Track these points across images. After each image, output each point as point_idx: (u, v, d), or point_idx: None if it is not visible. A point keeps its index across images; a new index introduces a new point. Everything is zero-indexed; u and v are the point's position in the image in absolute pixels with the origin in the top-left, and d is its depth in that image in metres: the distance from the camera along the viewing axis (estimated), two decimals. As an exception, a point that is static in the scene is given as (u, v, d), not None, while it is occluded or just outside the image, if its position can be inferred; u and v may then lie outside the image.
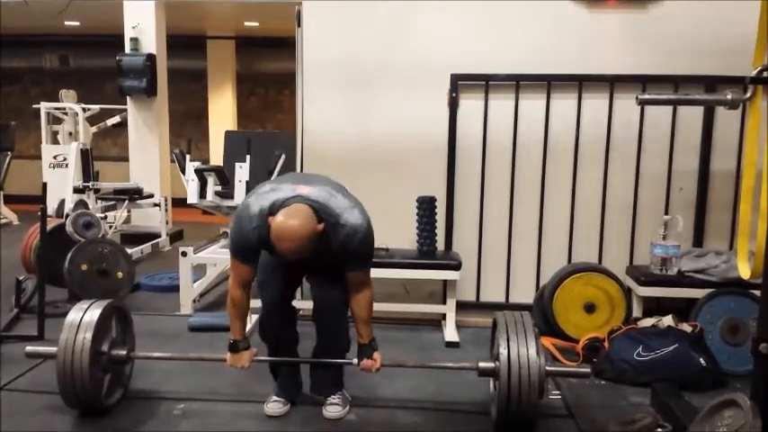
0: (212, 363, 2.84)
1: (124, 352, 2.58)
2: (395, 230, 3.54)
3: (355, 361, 2.48)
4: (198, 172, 4.30)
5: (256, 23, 7.98)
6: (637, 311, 3.39)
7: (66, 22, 7.53)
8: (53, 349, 2.44)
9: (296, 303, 2.66)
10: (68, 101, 6.89)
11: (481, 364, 2.46)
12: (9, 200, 7.34)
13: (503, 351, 2.34)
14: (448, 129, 3.69)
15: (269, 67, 9.19)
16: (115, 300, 2.71)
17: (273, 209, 2.20)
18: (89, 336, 2.40)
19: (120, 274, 3.95)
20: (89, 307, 2.51)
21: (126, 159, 6.54)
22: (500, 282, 3.78)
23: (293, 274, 2.53)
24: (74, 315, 2.48)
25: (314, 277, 2.54)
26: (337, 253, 2.28)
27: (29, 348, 2.59)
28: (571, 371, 2.78)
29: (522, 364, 2.31)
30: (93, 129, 6.98)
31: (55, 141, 6.98)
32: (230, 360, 2.47)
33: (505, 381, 2.31)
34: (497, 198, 3.74)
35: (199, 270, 4.19)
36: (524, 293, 3.72)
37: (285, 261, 2.48)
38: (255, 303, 2.55)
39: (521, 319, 2.46)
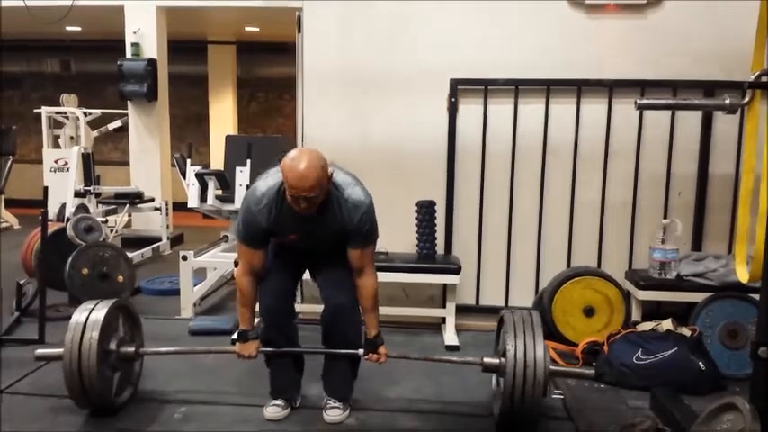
0: (215, 365, 2.87)
1: (132, 349, 2.59)
2: (394, 234, 3.54)
3: (361, 351, 2.50)
4: (198, 176, 4.32)
5: (257, 28, 8.00)
6: (636, 315, 3.39)
7: (68, 28, 7.54)
8: (62, 350, 2.43)
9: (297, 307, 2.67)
10: (69, 105, 6.92)
11: (486, 360, 2.47)
12: (10, 204, 7.34)
13: (509, 348, 2.34)
14: (447, 133, 3.70)
15: (269, 72, 9.22)
16: (122, 298, 2.72)
17: (280, 188, 2.26)
18: (95, 334, 2.41)
19: (120, 278, 3.95)
20: (94, 307, 2.52)
21: (127, 163, 6.56)
22: (500, 285, 3.79)
23: (294, 272, 2.57)
24: (79, 315, 2.49)
25: (324, 283, 2.56)
26: (340, 230, 2.32)
27: (39, 351, 2.60)
28: (574, 371, 2.79)
29: (528, 361, 2.31)
30: (94, 133, 7.01)
31: (56, 145, 7.01)
32: (238, 349, 2.50)
33: (511, 377, 2.31)
34: (497, 202, 3.74)
35: (199, 274, 4.19)
36: (524, 297, 3.73)
37: (287, 255, 2.49)
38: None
39: (529, 317, 2.46)
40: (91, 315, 2.48)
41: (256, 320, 2.56)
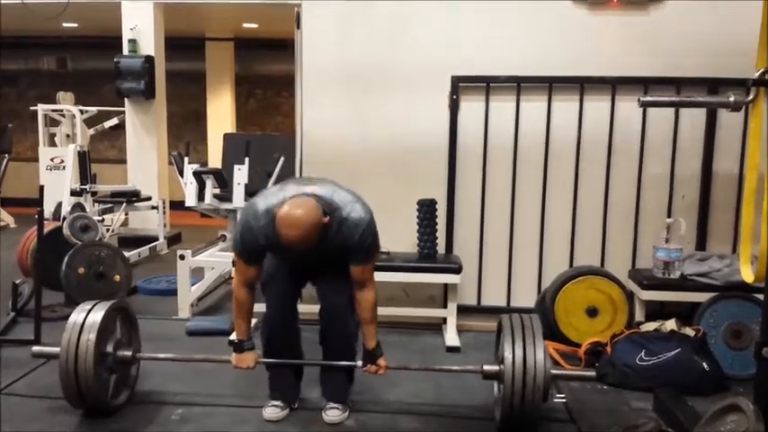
0: (212, 367, 2.84)
1: (129, 353, 2.56)
2: (395, 234, 3.51)
3: (360, 363, 2.48)
4: (196, 174, 4.29)
5: (255, 25, 7.97)
6: (639, 315, 3.36)
7: (64, 24, 7.52)
8: (59, 349, 2.41)
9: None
10: (66, 103, 6.87)
11: (486, 367, 2.45)
12: (6, 203, 7.31)
13: (507, 354, 2.32)
14: (448, 131, 3.67)
15: (268, 69, 9.19)
16: (120, 300, 2.69)
17: (279, 207, 2.22)
18: (93, 337, 2.39)
19: (117, 278, 3.92)
20: (92, 308, 2.50)
21: (124, 162, 6.53)
22: (501, 285, 3.76)
23: (297, 276, 2.55)
24: (76, 316, 2.46)
25: (321, 285, 2.55)
26: (341, 247, 2.30)
27: (35, 348, 2.59)
28: (576, 374, 2.77)
29: (527, 368, 2.28)
30: (91, 131, 6.94)
31: (52, 144, 6.96)
32: (235, 360, 2.48)
33: (510, 384, 2.28)
34: (498, 201, 3.72)
35: (197, 273, 4.17)
36: (526, 297, 3.70)
37: (289, 264, 2.47)
38: (260, 308, 2.55)
39: (529, 321, 2.43)
40: (88, 316, 2.45)
41: (254, 321, 2.54)
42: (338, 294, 2.46)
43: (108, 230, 5.16)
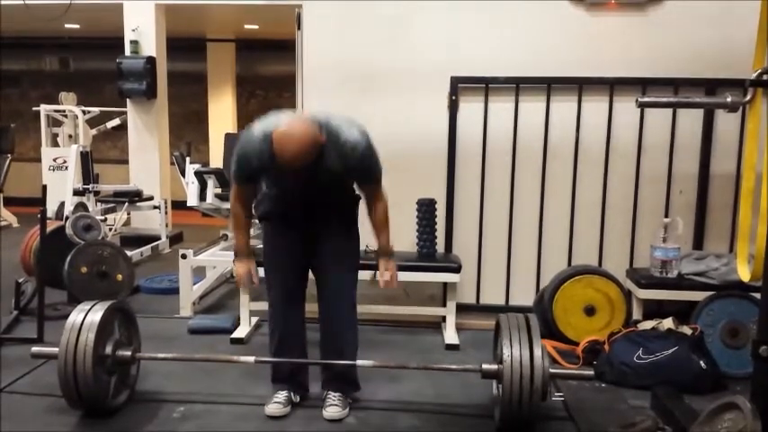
0: (213, 365, 2.86)
1: (129, 353, 2.57)
2: (394, 233, 3.47)
3: (360, 362, 2.49)
4: (198, 174, 4.32)
5: (256, 26, 7.99)
6: (637, 314, 3.38)
7: (67, 25, 7.53)
8: (57, 350, 2.42)
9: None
10: (68, 103, 6.90)
11: (485, 367, 2.46)
12: (9, 202, 7.33)
13: (506, 353, 2.33)
14: (448, 131, 3.69)
15: (269, 70, 9.20)
16: (119, 301, 2.70)
17: (275, 129, 2.25)
18: (92, 336, 2.39)
19: (119, 277, 3.94)
20: (91, 308, 2.50)
21: (126, 162, 6.54)
22: (500, 284, 3.78)
23: (299, 260, 2.55)
24: (75, 316, 2.46)
25: (322, 279, 2.56)
26: (342, 169, 2.33)
27: (35, 349, 2.59)
28: (575, 373, 2.77)
29: (525, 369, 2.29)
30: (93, 131, 6.99)
31: (55, 144, 6.99)
32: (236, 270, 2.59)
33: (509, 384, 2.30)
34: (497, 200, 3.74)
35: (199, 272, 4.18)
36: (524, 296, 3.72)
37: (289, 249, 2.51)
38: (262, 306, 2.57)
39: (525, 321, 2.44)
40: (87, 317, 2.45)
41: (256, 319, 2.56)
42: (339, 300, 2.48)
43: (110, 230, 5.18)
